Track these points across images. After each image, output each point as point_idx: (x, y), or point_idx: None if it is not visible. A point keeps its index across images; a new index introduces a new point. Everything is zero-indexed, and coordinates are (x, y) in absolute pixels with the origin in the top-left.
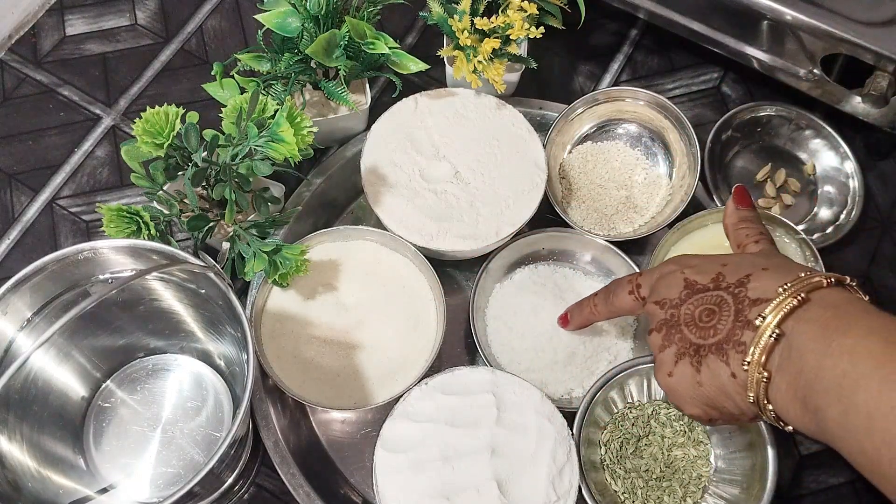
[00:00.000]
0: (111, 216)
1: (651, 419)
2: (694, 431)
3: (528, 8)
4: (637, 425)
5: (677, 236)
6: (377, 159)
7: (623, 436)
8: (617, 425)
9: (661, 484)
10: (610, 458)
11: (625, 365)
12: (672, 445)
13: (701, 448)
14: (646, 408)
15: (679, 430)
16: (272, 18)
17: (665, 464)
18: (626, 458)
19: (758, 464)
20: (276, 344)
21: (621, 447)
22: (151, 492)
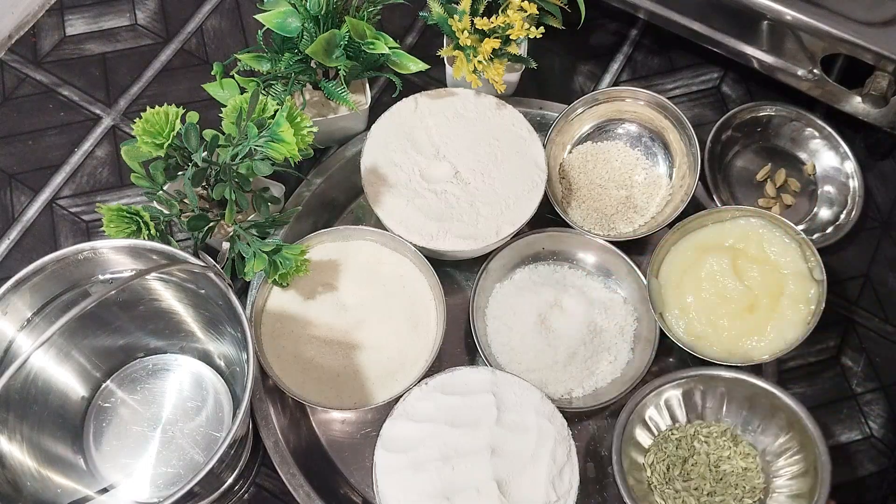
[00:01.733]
0: (111, 216)
1: (693, 440)
2: (740, 445)
3: (528, 8)
4: (681, 447)
5: (677, 236)
6: (377, 159)
7: (668, 458)
8: (660, 448)
9: (714, 500)
10: (658, 480)
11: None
12: (719, 460)
13: (749, 460)
14: (686, 429)
15: (724, 444)
16: (272, 18)
17: (715, 479)
18: (675, 479)
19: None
20: (276, 344)
21: (668, 469)
22: (151, 492)
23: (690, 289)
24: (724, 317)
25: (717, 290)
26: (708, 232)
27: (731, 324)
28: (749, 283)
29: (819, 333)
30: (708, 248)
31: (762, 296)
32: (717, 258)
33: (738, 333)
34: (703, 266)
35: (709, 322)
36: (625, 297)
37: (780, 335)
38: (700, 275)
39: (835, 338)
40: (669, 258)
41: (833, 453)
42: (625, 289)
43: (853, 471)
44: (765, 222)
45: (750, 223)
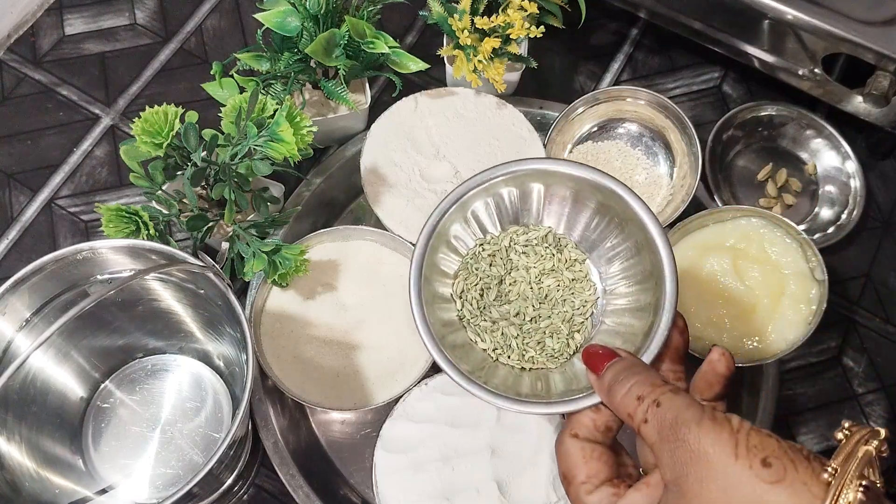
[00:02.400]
0: (110, 216)
1: (510, 251)
2: (564, 250)
3: (529, 7)
4: (495, 264)
5: (678, 236)
6: (377, 159)
7: (481, 281)
8: (470, 270)
9: (539, 325)
10: (469, 312)
11: (464, 186)
12: (541, 274)
13: (577, 268)
14: (500, 240)
15: (545, 253)
16: (272, 18)
17: (538, 300)
18: (491, 306)
19: (655, 270)
20: (276, 344)
21: (482, 296)
22: (150, 492)
23: (691, 289)
24: (725, 317)
25: (718, 291)
26: (709, 232)
27: (733, 324)
28: (750, 284)
29: (820, 334)
30: (709, 249)
31: (763, 296)
32: (718, 258)
33: (740, 334)
34: (704, 266)
35: (709, 322)
36: None
37: (782, 335)
38: (700, 275)
39: (836, 338)
40: None
41: None
42: None
43: None
44: (766, 222)
45: (751, 223)
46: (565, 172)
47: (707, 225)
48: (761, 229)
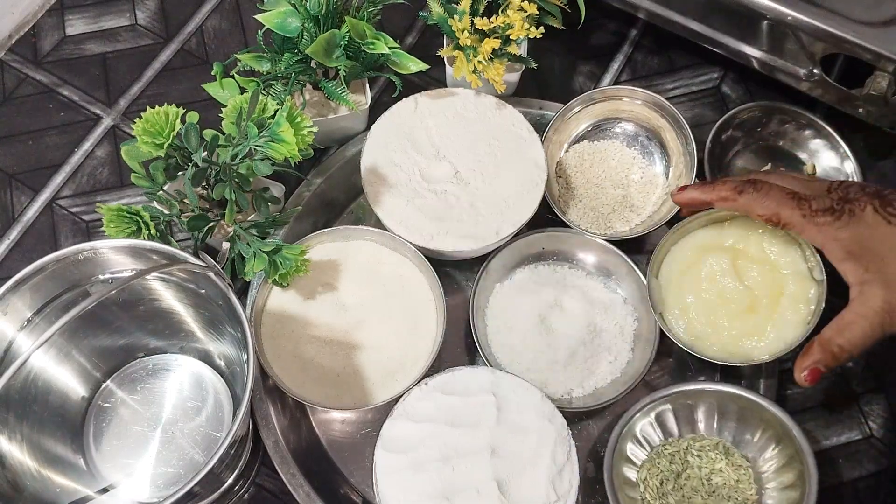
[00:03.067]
0: (111, 216)
1: (686, 454)
2: (732, 456)
3: (528, 8)
4: (674, 462)
5: (677, 236)
6: (377, 159)
7: (661, 473)
8: (654, 463)
9: None
10: (651, 496)
11: (652, 398)
12: (711, 473)
13: (741, 471)
14: (680, 443)
15: (716, 457)
16: (272, 18)
17: (707, 492)
18: (668, 493)
19: (798, 472)
20: (276, 344)
21: (661, 484)
22: (151, 492)
23: (690, 289)
24: (724, 317)
25: (718, 291)
26: (707, 232)
27: (731, 324)
28: (749, 284)
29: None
30: (707, 249)
31: (762, 296)
32: (717, 258)
33: (739, 333)
34: (703, 266)
35: (709, 322)
36: (625, 297)
37: (780, 335)
38: (700, 275)
39: None
40: (669, 258)
41: (833, 453)
42: (625, 289)
43: (853, 471)
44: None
45: (750, 223)
46: (736, 393)
47: (706, 225)
48: (760, 229)
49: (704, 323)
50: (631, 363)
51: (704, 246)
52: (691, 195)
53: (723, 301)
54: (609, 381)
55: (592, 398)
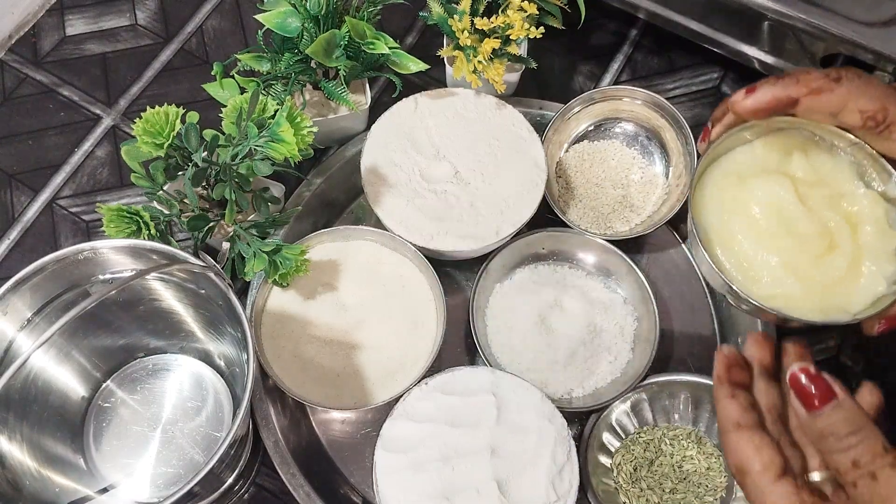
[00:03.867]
0: (111, 216)
1: (661, 443)
2: (704, 445)
3: (528, 8)
4: (648, 450)
5: (706, 163)
6: (377, 159)
7: (635, 460)
8: (628, 450)
9: (676, 497)
10: (624, 480)
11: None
12: (682, 460)
13: (712, 460)
14: (654, 432)
15: (688, 445)
16: (272, 18)
17: (677, 478)
18: (641, 479)
19: None
20: (276, 344)
21: (635, 470)
22: (151, 492)
23: (749, 231)
24: (805, 263)
25: (786, 228)
26: (740, 154)
27: (818, 270)
28: (820, 214)
29: (819, 333)
30: (748, 175)
31: (838, 227)
32: (768, 185)
33: (830, 282)
34: (753, 198)
35: (787, 267)
36: (625, 297)
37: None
38: (753, 212)
39: (835, 338)
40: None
41: None
42: (625, 289)
43: None
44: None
45: (788, 138)
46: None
47: (734, 147)
48: (801, 146)
49: (781, 269)
50: (631, 363)
51: (742, 172)
52: (770, 94)
53: (797, 242)
54: (609, 381)
55: (592, 398)
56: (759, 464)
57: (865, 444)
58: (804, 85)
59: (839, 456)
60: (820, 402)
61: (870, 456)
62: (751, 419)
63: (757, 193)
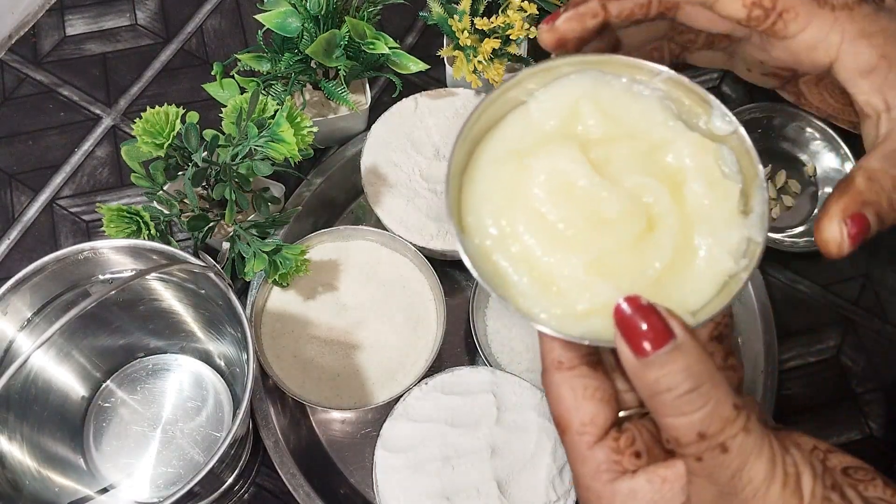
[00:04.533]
0: (111, 216)
1: None
2: None
3: (528, 8)
4: None
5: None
6: (377, 159)
7: None
8: None
9: None
10: None
11: None
12: None
13: None
14: None
15: None
16: (272, 18)
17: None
18: None
19: None
20: (276, 344)
21: None
22: (151, 492)
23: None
24: (611, 252)
25: (587, 211)
26: (510, 127)
27: (635, 261)
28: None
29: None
30: (525, 150)
31: (655, 197)
32: (552, 158)
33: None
34: (537, 180)
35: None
36: None
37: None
38: (540, 196)
39: (835, 338)
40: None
41: None
42: None
43: None
44: (592, 74)
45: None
46: None
47: (504, 114)
48: (600, 89)
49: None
50: None
51: (516, 149)
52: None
53: (599, 227)
54: None
55: None
56: (578, 420)
57: (712, 406)
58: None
59: (677, 421)
60: (652, 344)
61: (719, 424)
62: (575, 357)
63: (538, 175)
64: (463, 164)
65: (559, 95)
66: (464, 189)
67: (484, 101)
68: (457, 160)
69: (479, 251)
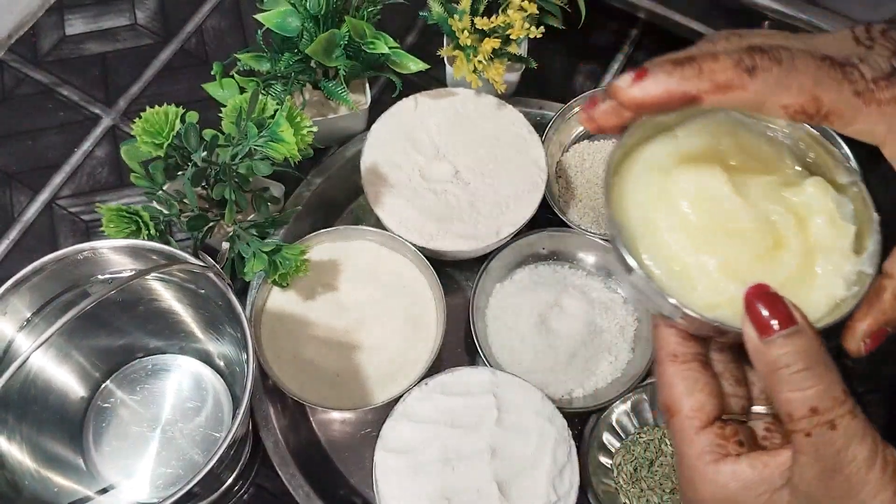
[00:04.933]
0: (111, 216)
1: (661, 443)
2: None
3: (529, 7)
4: (649, 450)
5: (619, 155)
6: (377, 159)
7: (636, 460)
8: (628, 450)
9: (676, 497)
10: (624, 480)
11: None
12: None
13: None
14: (655, 432)
15: None
16: (272, 18)
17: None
18: (641, 479)
19: None
20: (276, 344)
21: (635, 471)
22: (151, 492)
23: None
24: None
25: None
26: (658, 146)
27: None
28: (760, 205)
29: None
30: (670, 166)
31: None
32: (698, 175)
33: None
34: (680, 192)
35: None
36: (625, 297)
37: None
38: (682, 208)
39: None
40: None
41: None
42: (625, 289)
43: None
44: (733, 116)
45: (712, 122)
46: None
47: (653, 137)
48: (730, 128)
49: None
50: (631, 363)
51: (663, 164)
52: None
53: (735, 237)
54: (609, 382)
55: (593, 398)
56: (688, 406)
57: (825, 385)
58: (708, 78)
59: (792, 395)
60: (779, 325)
61: (830, 402)
62: (689, 351)
63: (684, 186)
64: (615, 167)
65: (703, 127)
66: (617, 191)
67: (638, 122)
68: (612, 165)
69: (628, 245)
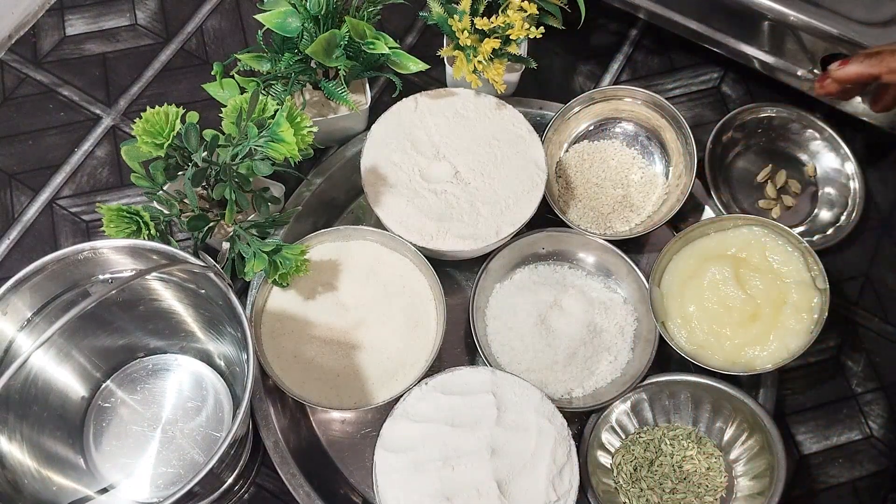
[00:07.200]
0: (111, 216)
1: (661, 443)
2: (704, 445)
3: (528, 8)
4: (648, 450)
5: (679, 245)
6: (377, 159)
7: (635, 460)
8: (628, 450)
9: (676, 497)
10: (624, 480)
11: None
12: (682, 460)
13: (712, 460)
14: (654, 432)
15: (688, 445)
16: (272, 18)
17: (678, 478)
18: (641, 479)
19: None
20: (276, 344)
21: (635, 470)
22: (151, 492)
23: (692, 298)
24: (726, 326)
25: (720, 299)
26: (710, 241)
27: (734, 333)
28: (752, 292)
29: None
30: (710, 257)
31: (765, 305)
32: (719, 267)
33: (741, 343)
34: (706, 275)
35: (711, 331)
36: (625, 298)
37: (783, 344)
38: (702, 283)
39: (835, 338)
40: (672, 267)
41: (833, 453)
42: (625, 289)
43: (853, 471)
44: (767, 231)
45: (752, 232)
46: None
47: (708, 233)
48: (763, 238)
49: (707, 332)
50: (631, 363)
51: (707, 254)
52: (855, 70)
53: (725, 310)
54: (609, 381)
55: (592, 398)
56: None
57: None
58: (886, 65)
59: None
60: None
61: None
62: None
63: (707, 272)
64: (675, 251)
65: (743, 235)
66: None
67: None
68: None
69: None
